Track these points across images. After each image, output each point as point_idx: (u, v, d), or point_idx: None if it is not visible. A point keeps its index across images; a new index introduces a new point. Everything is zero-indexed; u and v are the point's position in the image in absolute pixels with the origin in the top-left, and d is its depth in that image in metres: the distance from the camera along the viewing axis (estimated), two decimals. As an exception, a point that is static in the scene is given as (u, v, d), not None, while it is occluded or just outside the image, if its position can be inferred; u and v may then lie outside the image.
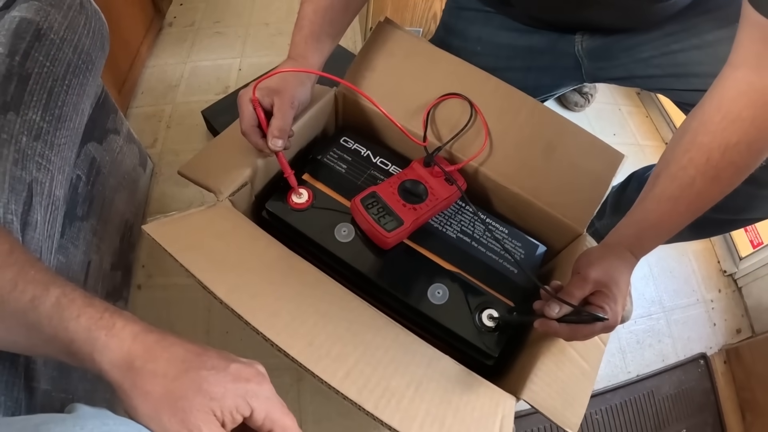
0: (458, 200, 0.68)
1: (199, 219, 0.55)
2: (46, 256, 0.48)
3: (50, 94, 0.50)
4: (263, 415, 0.35)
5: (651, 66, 0.68)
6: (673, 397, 0.95)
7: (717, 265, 1.13)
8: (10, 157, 0.44)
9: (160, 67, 1.25)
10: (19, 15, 0.51)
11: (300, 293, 0.53)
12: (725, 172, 0.50)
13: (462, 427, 0.48)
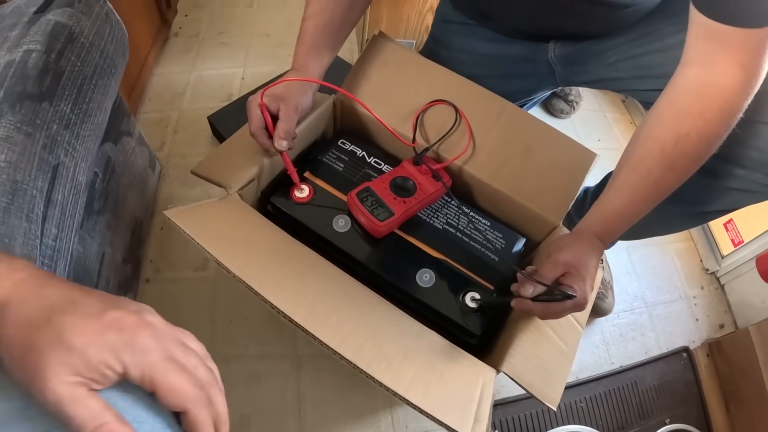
0: (444, 195, 0.78)
1: (213, 208, 0.65)
2: (68, 234, 0.57)
3: (80, 90, 0.61)
4: (139, 373, 0.30)
5: (617, 69, 0.78)
6: (656, 388, 1.03)
7: (700, 263, 1.22)
8: (41, 141, 0.54)
9: (167, 75, 1.37)
10: (54, 19, 0.62)
11: (302, 273, 0.62)
12: (679, 162, 0.59)
13: (446, 390, 0.56)
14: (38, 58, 0.57)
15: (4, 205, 0.48)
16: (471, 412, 0.55)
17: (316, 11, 0.73)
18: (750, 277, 1.11)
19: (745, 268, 1.13)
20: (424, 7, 1.25)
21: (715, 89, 0.56)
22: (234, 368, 0.93)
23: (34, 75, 0.56)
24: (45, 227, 0.51)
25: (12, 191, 0.49)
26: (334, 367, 0.95)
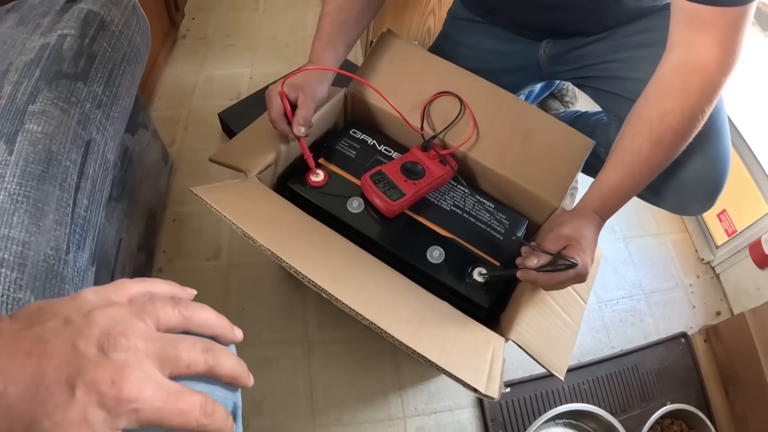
0: (451, 179, 0.82)
1: (236, 187, 0.69)
2: (97, 208, 0.60)
3: (110, 74, 0.65)
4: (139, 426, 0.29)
5: (592, 70, 0.89)
6: (656, 372, 1.07)
7: (695, 253, 1.27)
8: (75, 117, 0.59)
9: (176, 75, 1.41)
10: (87, 7, 0.66)
11: (321, 248, 0.67)
12: (666, 137, 0.65)
13: (460, 351, 0.60)
14: (73, 42, 0.61)
15: (39, 173, 0.51)
16: (484, 371, 0.59)
17: (333, 9, 0.79)
18: (744, 265, 1.15)
19: (740, 256, 1.17)
20: (426, 10, 1.30)
21: (694, 67, 0.63)
22: (246, 354, 0.94)
23: (69, 57, 0.60)
24: (77, 197, 0.55)
25: (47, 160, 0.53)
26: (344, 352, 0.98)
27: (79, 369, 0.27)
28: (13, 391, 0.26)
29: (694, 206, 0.82)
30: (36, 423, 0.26)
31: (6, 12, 0.69)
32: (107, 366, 0.28)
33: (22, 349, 0.27)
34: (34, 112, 0.53)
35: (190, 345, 0.31)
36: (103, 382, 0.27)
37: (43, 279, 0.48)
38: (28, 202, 0.49)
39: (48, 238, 0.49)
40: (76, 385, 0.27)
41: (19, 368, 0.27)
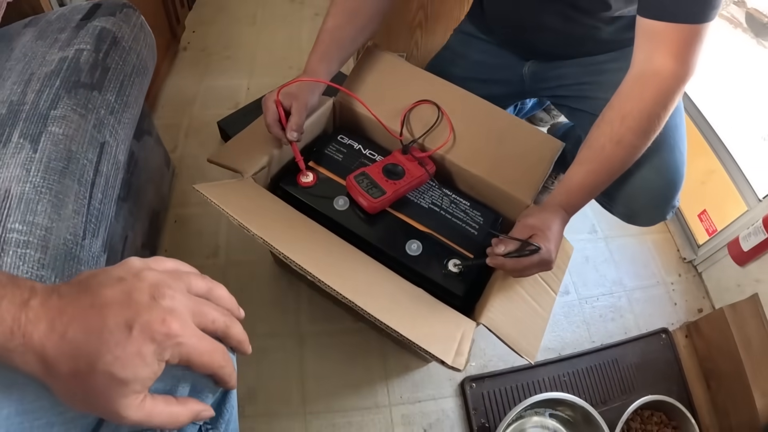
0: (429, 180, 0.91)
1: (233, 186, 0.79)
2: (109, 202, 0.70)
3: (122, 84, 0.75)
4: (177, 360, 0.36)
5: (568, 90, 1.02)
6: (637, 366, 1.15)
7: (677, 253, 1.35)
8: (92, 121, 0.69)
9: (178, 85, 1.52)
10: (100, 25, 0.77)
11: (309, 238, 0.76)
12: (625, 137, 0.74)
13: (431, 328, 0.68)
14: (88, 56, 0.71)
15: (61, 168, 0.61)
16: (453, 347, 0.67)
17: (332, 27, 0.88)
18: (725, 263, 1.23)
19: (720, 254, 1.25)
20: (413, 24, 1.41)
21: (651, 76, 0.73)
22: (242, 346, 1.04)
23: (86, 68, 0.70)
24: (93, 192, 0.64)
25: (67, 158, 0.62)
26: (334, 343, 1.07)
27: (135, 313, 0.34)
28: (74, 334, 0.33)
29: (644, 215, 0.90)
30: (100, 357, 0.33)
31: (24, 27, 0.79)
32: (158, 309, 0.35)
33: (85, 303, 0.35)
34: (56, 116, 0.63)
35: (214, 306, 0.40)
36: (155, 322, 0.34)
37: (63, 260, 0.57)
38: (50, 194, 0.58)
39: (67, 225, 0.59)
40: (133, 326, 0.34)
41: (83, 318, 0.34)
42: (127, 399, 0.34)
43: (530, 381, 1.08)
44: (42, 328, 0.34)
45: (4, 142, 0.60)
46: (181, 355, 0.36)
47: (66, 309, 0.35)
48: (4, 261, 0.53)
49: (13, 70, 0.70)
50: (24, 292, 0.35)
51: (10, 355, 0.33)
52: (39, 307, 0.34)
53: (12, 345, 0.33)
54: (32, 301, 0.34)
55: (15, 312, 0.34)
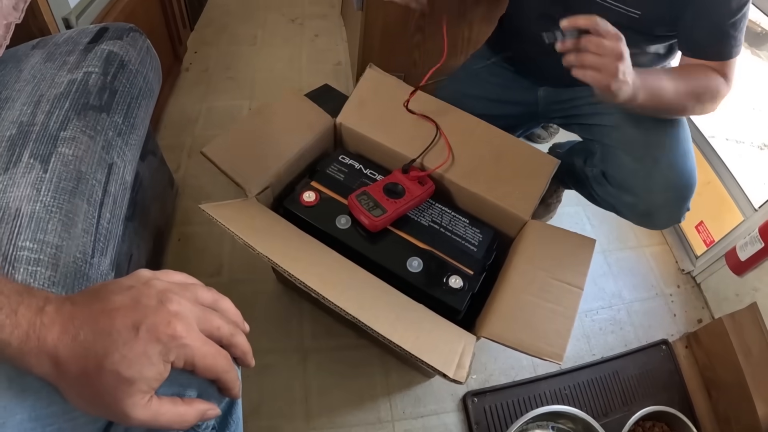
0: (430, 198, 0.93)
1: (237, 205, 0.81)
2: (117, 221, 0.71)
3: (129, 107, 0.77)
4: (182, 363, 0.38)
5: (580, 109, 1.07)
6: (637, 377, 1.15)
7: (675, 264, 1.37)
8: (100, 143, 0.70)
9: (180, 106, 1.55)
10: (108, 48, 0.79)
11: (311, 256, 0.78)
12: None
13: (432, 343, 0.69)
14: (97, 79, 0.73)
15: (71, 188, 0.63)
16: (454, 360, 0.68)
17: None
18: (723, 273, 1.24)
19: (718, 265, 1.26)
20: (411, 44, 1.44)
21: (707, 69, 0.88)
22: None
23: (94, 91, 0.72)
24: (102, 211, 0.66)
25: (77, 179, 0.64)
26: (336, 359, 1.08)
27: (143, 315, 0.36)
28: (85, 336, 0.36)
29: (663, 213, 0.94)
30: (108, 356, 0.35)
31: (32, 48, 0.81)
32: (164, 312, 0.37)
33: (96, 309, 0.37)
34: (65, 137, 0.65)
35: (219, 316, 0.42)
36: (161, 323, 0.36)
37: (72, 278, 0.58)
38: (60, 213, 0.60)
39: (77, 243, 0.60)
40: (140, 328, 0.36)
41: (93, 321, 0.36)
42: (133, 398, 0.36)
43: (532, 395, 1.09)
44: (55, 332, 0.36)
45: (14, 162, 0.62)
46: (186, 357, 0.38)
47: (78, 314, 0.37)
48: (16, 278, 0.54)
49: (23, 92, 0.72)
50: (39, 300, 0.37)
51: (25, 358, 0.35)
52: (53, 313, 0.36)
53: (27, 347, 0.35)
54: (47, 308, 0.36)
55: (31, 317, 0.36)
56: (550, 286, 0.80)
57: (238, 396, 0.46)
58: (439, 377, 1.03)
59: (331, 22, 2.05)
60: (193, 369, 0.39)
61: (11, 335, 0.35)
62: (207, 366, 0.39)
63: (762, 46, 2.94)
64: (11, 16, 0.77)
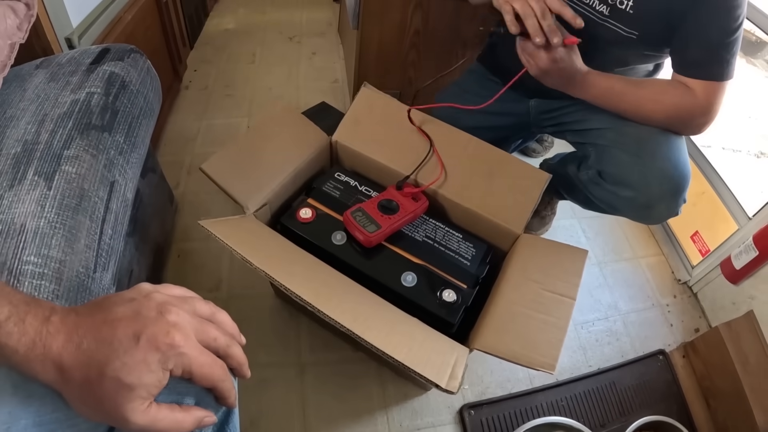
0: (423, 214, 0.96)
1: (236, 222, 0.84)
2: (118, 238, 0.74)
3: (130, 126, 0.80)
4: (180, 371, 0.40)
5: (572, 116, 1.11)
6: (635, 388, 1.16)
7: (671, 275, 1.39)
8: (102, 161, 0.73)
9: (180, 123, 1.58)
10: (110, 69, 0.83)
11: (307, 270, 0.80)
12: (658, 104, 0.94)
13: (425, 354, 0.71)
14: (99, 99, 0.77)
15: (74, 205, 0.66)
16: (446, 371, 0.70)
17: None
18: (719, 282, 1.26)
19: (714, 274, 1.28)
20: (406, 62, 1.48)
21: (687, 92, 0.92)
22: (244, 377, 1.07)
23: (96, 111, 0.75)
24: (104, 227, 0.69)
25: (80, 196, 0.67)
26: (333, 372, 1.09)
27: (143, 326, 0.39)
28: (88, 345, 0.38)
29: (660, 204, 0.96)
30: (109, 364, 0.37)
31: (36, 68, 0.85)
32: (163, 322, 0.40)
33: (99, 319, 0.40)
34: (69, 156, 0.68)
35: (216, 327, 0.44)
36: (160, 333, 0.39)
37: (75, 291, 0.61)
38: (64, 229, 0.63)
39: (80, 258, 0.63)
40: (140, 337, 0.38)
41: (96, 331, 0.39)
42: (133, 404, 0.38)
43: (528, 407, 1.10)
44: (60, 340, 0.38)
45: (19, 179, 0.65)
46: (184, 365, 0.40)
47: (82, 324, 0.39)
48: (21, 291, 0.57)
49: (27, 111, 0.75)
50: (45, 310, 0.39)
51: (31, 364, 0.38)
52: (59, 323, 0.39)
53: (33, 355, 0.38)
54: (53, 318, 0.39)
55: (38, 326, 0.38)
56: (542, 297, 0.82)
57: (234, 405, 0.48)
58: (436, 390, 1.06)
59: (328, 40, 2.10)
60: (190, 377, 0.41)
61: (18, 343, 0.37)
62: (204, 374, 0.41)
63: (757, 54, 3.00)
64: (15, 36, 0.80)
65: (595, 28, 0.94)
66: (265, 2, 2.32)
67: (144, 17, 1.38)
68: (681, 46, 0.91)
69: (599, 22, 0.94)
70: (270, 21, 2.18)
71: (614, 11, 0.92)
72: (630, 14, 0.91)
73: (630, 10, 0.90)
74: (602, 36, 0.95)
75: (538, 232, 1.41)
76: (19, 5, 0.82)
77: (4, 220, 0.60)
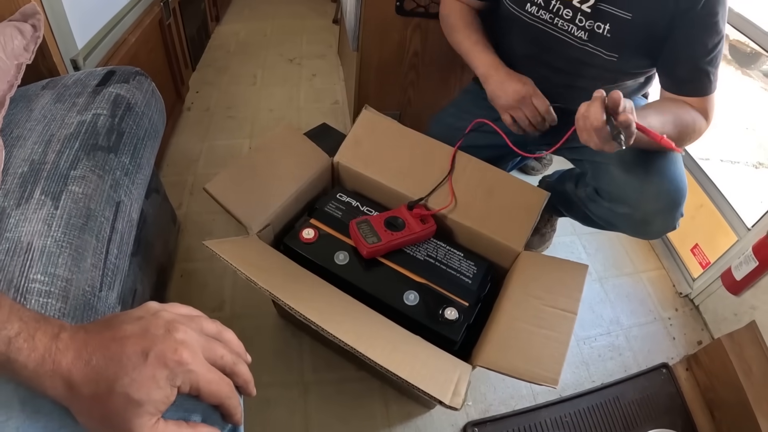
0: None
1: (241, 242, 0.85)
2: (124, 257, 0.75)
3: (135, 147, 0.81)
4: (187, 388, 0.40)
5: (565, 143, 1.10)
6: (638, 402, 1.16)
7: (672, 288, 1.39)
8: (108, 182, 0.74)
9: (182, 144, 1.60)
10: (115, 91, 0.84)
11: (311, 290, 0.81)
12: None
13: (428, 372, 0.71)
14: (105, 120, 0.78)
15: (81, 224, 0.67)
16: (450, 388, 0.70)
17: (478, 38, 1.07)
18: (720, 294, 1.26)
19: (715, 286, 1.28)
20: (405, 83, 1.51)
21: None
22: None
23: (103, 132, 0.76)
24: (110, 247, 0.69)
25: (87, 215, 0.68)
26: (336, 392, 1.09)
27: (151, 342, 0.39)
28: (97, 361, 0.39)
29: (658, 219, 0.97)
30: (118, 380, 0.38)
31: (42, 88, 0.86)
32: (172, 340, 0.40)
33: (107, 337, 0.40)
34: (75, 176, 0.69)
35: (222, 345, 0.45)
36: (168, 350, 0.39)
37: (81, 310, 0.61)
38: (71, 248, 0.63)
39: (86, 277, 0.63)
40: (149, 354, 0.39)
41: (105, 348, 0.39)
42: (141, 419, 0.38)
43: (532, 423, 1.09)
44: (70, 356, 0.39)
45: (26, 198, 0.66)
46: (191, 382, 0.40)
47: (91, 341, 0.40)
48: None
49: (34, 131, 0.76)
50: (55, 327, 0.40)
51: (40, 380, 0.38)
52: (68, 339, 0.40)
53: (43, 370, 0.38)
54: (62, 334, 0.40)
55: (47, 342, 0.39)
56: (543, 313, 0.83)
57: (241, 422, 0.48)
58: (439, 409, 1.05)
59: (328, 62, 2.13)
60: (198, 394, 0.41)
61: (28, 358, 0.38)
62: (211, 391, 0.42)
63: (752, 65, 3.03)
64: (22, 56, 0.82)
65: (576, 53, 0.97)
66: (266, 25, 2.36)
67: (147, 39, 1.40)
68: (669, 66, 0.94)
69: (579, 46, 0.96)
70: (271, 43, 2.21)
71: (592, 36, 0.94)
72: (608, 38, 0.93)
73: (607, 34, 0.92)
74: (585, 59, 0.97)
75: (538, 249, 1.42)
76: (26, 27, 0.84)
77: (11, 238, 0.61)
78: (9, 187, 0.66)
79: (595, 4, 0.91)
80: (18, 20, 0.85)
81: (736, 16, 1.26)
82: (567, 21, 0.95)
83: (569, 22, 0.94)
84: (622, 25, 0.90)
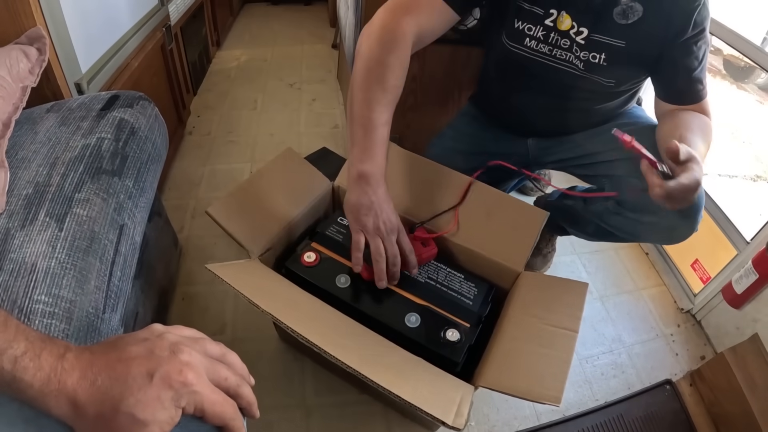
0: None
1: (242, 266, 0.85)
2: (127, 280, 0.75)
3: (139, 171, 0.82)
4: (192, 409, 0.41)
5: (570, 159, 1.14)
6: (642, 419, 1.14)
7: (674, 304, 1.39)
8: (112, 205, 0.75)
9: (184, 168, 1.61)
10: (119, 116, 0.85)
11: (314, 314, 0.81)
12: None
13: (430, 393, 0.71)
14: (109, 144, 0.79)
15: (85, 247, 0.67)
16: (452, 409, 0.69)
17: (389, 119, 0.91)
18: (722, 308, 1.26)
19: (717, 300, 1.28)
20: (404, 107, 1.52)
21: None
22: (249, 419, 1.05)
23: (107, 156, 0.77)
24: (113, 269, 0.70)
25: (90, 238, 0.68)
26: (339, 415, 1.08)
27: (156, 364, 0.40)
28: (102, 381, 0.39)
29: (683, 225, 0.96)
30: (123, 400, 0.38)
31: (47, 111, 0.87)
32: (176, 362, 0.41)
33: (113, 358, 0.41)
34: (80, 199, 0.70)
35: (226, 367, 0.45)
36: (173, 371, 0.40)
37: (85, 331, 0.61)
38: (75, 270, 0.63)
39: (90, 299, 0.63)
40: (154, 375, 0.39)
41: (111, 368, 0.40)
42: None
43: (537, 443, 1.08)
44: (75, 377, 0.39)
45: (31, 220, 0.67)
46: (196, 403, 0.41)
47: (96, 362, 0.41)
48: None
49: (38, 153, 0.77)
50: (60, 348, 0.41)
51: (45, 399, 0.39)
52: (74, 360, 0.40)
53: (48, 389, 0.39)
54: (68, 355, 0.40)
55: (53, 362, 0.39)
56: (544, 332, 0.82)
57: None
58: (442, 430, 1.04)
59: (328, 86, 2.16)
60: (202, 415, 0.42)
61: (34, 377, 0.38)
62: (216, 413, 0.42)
63: (746, 79, 3.08)
64: (27, 79, 0.83)
65: (574, 81, 0.99)
66: (266, 50, 2.40)
67: (150, 64, 1.43)
68: (667, 80, 0.96)
69: (578, 75, 0.98)
70: (271, 68, 2.25)
71: (588, 65, 0.96)
72: (604, 66, 0.95)
73: (604, 63, 0.95)
74: (584, 86, 0.99)
75: (540, 270, 1.42)
76: (31, 50, 0.85)
77: (16, 259, 0.61)
78: (14, 209, 0.67)
79: (588, 35, 0.93)
80: (24, 43, 0.87)
81: (729, 33, 1.28)
82: (565, 50, 0.97)
83: (567, 51, 0.97)
84: (617, 54, 0.93)
